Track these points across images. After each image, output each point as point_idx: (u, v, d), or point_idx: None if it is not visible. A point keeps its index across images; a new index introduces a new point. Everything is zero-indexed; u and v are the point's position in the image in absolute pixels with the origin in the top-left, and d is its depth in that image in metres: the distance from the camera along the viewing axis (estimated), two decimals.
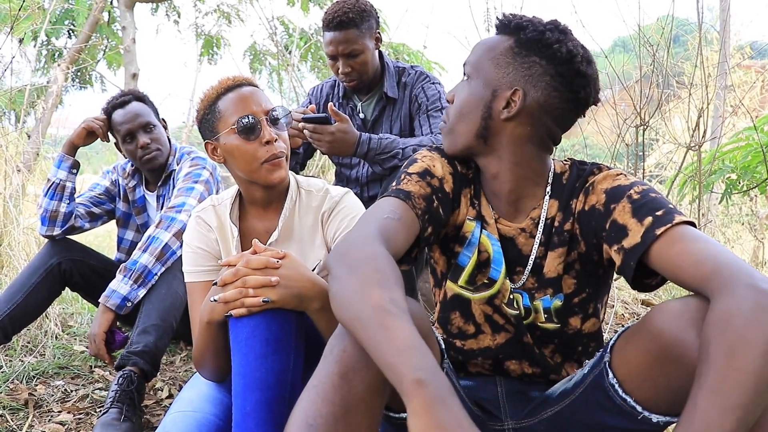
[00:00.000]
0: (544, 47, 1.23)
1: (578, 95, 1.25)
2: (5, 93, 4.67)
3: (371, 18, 2.42)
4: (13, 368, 2.29)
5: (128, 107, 2.34)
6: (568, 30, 1.27)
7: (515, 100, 1.24)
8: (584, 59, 1.24)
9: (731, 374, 0.85)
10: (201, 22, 8.77)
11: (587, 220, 1.25)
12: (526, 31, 1.24)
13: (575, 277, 1.29)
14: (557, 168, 1.33)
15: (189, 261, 1.63)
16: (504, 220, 1.33)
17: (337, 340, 1.01)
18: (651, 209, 1.13)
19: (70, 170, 2.32)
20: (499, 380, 1.37)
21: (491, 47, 1.29)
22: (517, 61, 1.25)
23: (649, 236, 1.10)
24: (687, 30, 5.14)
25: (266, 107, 1.57)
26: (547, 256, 1.30)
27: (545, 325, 1.31)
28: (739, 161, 3.66)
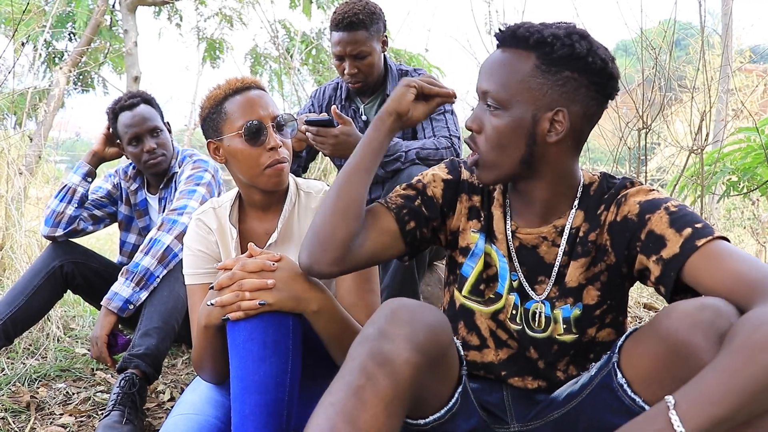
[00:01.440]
0: (576, 60, 1.17)
1: (611, 96, 1.24)
2: (7, 96, 4.67)
3: (380, 21, 2.43)
4: (15, 371, 2.29)
5: (136, 110, 2.33)
6: (587, 32, 1.22)
7: (560, 120, 1.20)
8: (612, 61, 1.21)
9: (749, 365, 0.86)
10: (203, 26, 8.79)
11: (620, 231, 1.22)
12: (554, 47, 1.17)
13: (599, 288, 1.27)
14: (586, 179, 1.31)
15: (189, 264, 1.63)
16: (526, 229, 1.31)
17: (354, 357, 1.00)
18: (690, 221, 1.12)
19: (85, 177, 2.35)
20: (505, 384, 1.36)
21: (514, 69, 1.21)
22: (549, 79, 1.18)
23: (688, 247, 1.08)
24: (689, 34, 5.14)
25: (273, 113, 1.57)
26: (569, 265, 1.28)
27: (563, 337, 1.29)
28: (739, 163, 3.66)
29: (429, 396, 1.12)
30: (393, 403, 0.96)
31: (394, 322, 1.02)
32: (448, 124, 2.38)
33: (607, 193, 1.28)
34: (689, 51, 5.59)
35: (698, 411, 0.86)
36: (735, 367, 0.87)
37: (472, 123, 1.27)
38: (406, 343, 0.99)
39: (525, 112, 1.20)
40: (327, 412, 0.95)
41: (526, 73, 1.19)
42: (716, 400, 0.86)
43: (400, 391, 0.96)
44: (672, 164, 4.48)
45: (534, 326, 1.31)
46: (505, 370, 1.35)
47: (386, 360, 0.97)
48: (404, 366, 0.98)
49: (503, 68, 1.22)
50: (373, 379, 0.96)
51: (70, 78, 6.62)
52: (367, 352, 0.99)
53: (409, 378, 0.98)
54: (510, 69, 1.21)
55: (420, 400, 1.08)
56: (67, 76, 6.23)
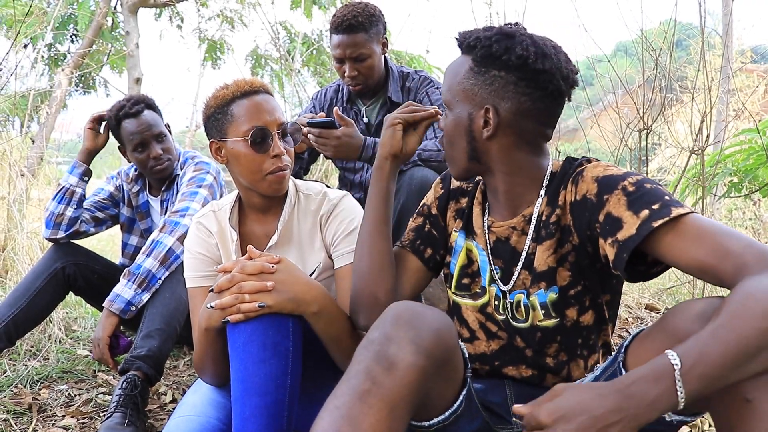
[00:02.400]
0: (496, 59, 1.24)
1: (548, 90, 1.25)
2: (9, 98, 4.68)
3: (379, 23, 2.43)
4: (17, 372, 2.30)
5: (141, 117, 2.33)
6: (517, 32, 1.27)
7: (490, 117, 1.26)
8: (538, 56, 1.23)
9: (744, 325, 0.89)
10: (204, 27, 8.79)
11: (580, 211, 1.23)
12: (477, 48, 1.26)
13: (570, 269, 1.28)
14: (554, 167, 1.34)
15: (190, 266, 1.63)
16: (498, 222, 1.35)
17: (359, 360, 1.01)
18: (647, 202, 1.12)
19: (81, 177, 2.34)
20: (507, 383, 1.37)
21: (455, 72, 1.31)
22: (479, 80, 1.26)
23: (645, 228, 1.09)
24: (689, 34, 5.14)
25: (279, 119, 1.57)
26: (536, 250, 1.30)
27: (544, 323, 1.30)
28: (740, 164, 3.66)
29: (434, 398, 1.13)
30: (398, 407, 0.96)
31: (400, 326, 1.02)
32: None
33: (566, 173, 1.30)
34: (690, 51, 5.58)
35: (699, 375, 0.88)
36: (729, 329, 0.90)
37: (441, 123, 1.39)
38: (412, 346, 1.00)
39: (462, 111, 1.30)
40: (332, 416, 0.95)
41: (463, 75, 1.29)
42: (713, 363, 0.88)
43: (406, 395, 0.97)
44: (673, 165, 4.48)
45: (516, 316, 1.33)
46: (498, 360, 1.37)
47: (392, 364, 0.98)
48: (409, 370, 0.98)
49: (450, 72, 1.33)
50: (378, 383, 0.96)
51: (72, 79, 6.63)
52: (373, 356, 0.99)
53: (415, 382, 0.99)
54: (453, 72, 1.32)
55: (425, 403, 1.09)
56: (69, 77, 6.24)
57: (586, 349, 1.33)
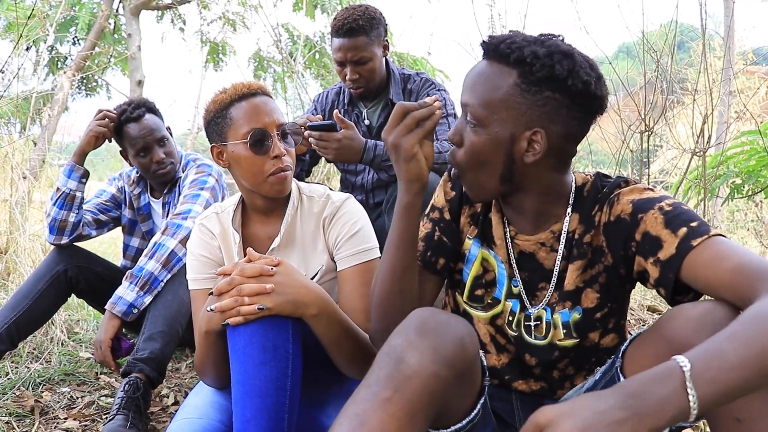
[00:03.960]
0: (557, 81, 1.14)
1: (596, 114, 1.21)
2: (11, 101, 4.69)
3: (380, 26, 2.43)
4: (19, 375, 2.30)
5: (143, 121, 2.33)
6: (571, 50, 1.17)
7: (537, 141, 1.17)
8: (597, 80, 1.17)
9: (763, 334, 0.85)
10: (206, 29, 8.80)
11: (614, 232, 1.21)
12: (533, 67, 1.14)
13: (598, 291, 1.26)
14: (578, 181, 1.30)
15: (192, 269, 1.63)
16: (523, 236, 1.31)
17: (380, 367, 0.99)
18: (685, 220, 1.10)
19: (80, 180, 2.31)
20: (515, 396, 1.36)
21: (494, 86, 1.18)
22: (528, 99, 1.15)
23: (684, 247, 1.07)
24: (691, 36, 5.14)
25: (278, 120, 1.57)
26: (567, 269, 1.27)
27: (563, 342, 1.29)
28: (742, 165, 3.65)
29: (452, 407, 1.11)
30: (417, 415, 0.95)
31: (422, 334, 1.00)
32: (451, 128, 2.38)
33: (600, 192, 1.26)
34: (691, 53, 5.58)
35: (711, 378, 0.83)
36: (748, 335, 0.85)
37: (453, 136, 1.26)
38: (434, 355, 0.98)
39: (503, 131, 1.18)
40: (351, 423, 0.93)
41: (506, 91, 1.16)
42: (729, 368, 0.83)
43: (425, 404, 0.95)
44: (674, 167, 4.48)
45: (535, 333, 1.31)
46: (508, 375, 1.36)
47: (414, 372, 0.96)
48: (431, 378, 0.96)
49: (485, 83, 1.19)
50: (399, 391, 0.95)
51: (73, 82, 6.64)
52: (395, 363, 0.97)
53: (435, 391, 0.97)
54: (490, 85, 1.18)
55: (443, 411, 1.07)
56: (71, 80, 6.25)
57: (597, 365, 1.32)
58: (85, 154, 2.33)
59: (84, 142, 2.32)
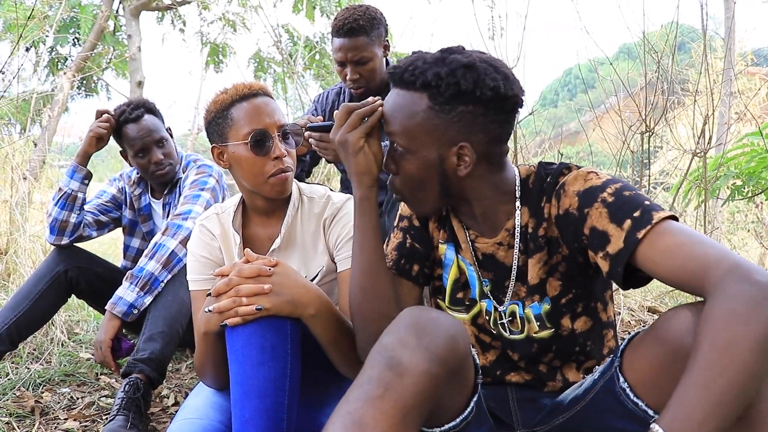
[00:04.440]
0: (465, 95, 1.17)
1: (514, 111, 1.23)
2: (11, 102, 4.69)
3: (381, 26, 2.43)
4: (20, 375, 2.30)
5: (142, 122, 2.33)
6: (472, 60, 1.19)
7: (465, 154, 1.21)
8: (505, 81, 1.19)
9: (720, 373, 0.87)
10: (206, 30, 8.80)
11: (565, 224, 1.22)
12: (440, 89, 1.18)
13: (560, 279, 1.29)
14: (522, 173, 1.32)
15: (192, 270, 1.63)
16: (482, 239, 1.34)
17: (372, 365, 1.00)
18: (628, 211, 1.11)
19: (83, 181, 2.31)
20: (509, 388, 1.36)
21: (410, 114, 1.21)
22: (444, 118, 1.19)
23: (631, 240, 1.08)
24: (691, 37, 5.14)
25: (279, 121, 1.57)
26: (527, 263, 1.29)
27: (540, 334, 1.31)
28: (743, 167, 3.65)
29: (445, 405, 1.12)
30: (410, 413, 0.96)
31: (414, 332, 1.01)
32: None
33: (545, 182, 1.28)
34: (692, 54, 5.58)
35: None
36: (710, 378, 0.87)
37: (388, 165, 1.30)
38: (425, 353, 0.99)
39: (430, 153, 1.22)
40: (344, 421, 0.94)
41: (422, 116, 1.20)
42: (702, 420, 0.86)
43: (418, 402, 0.96)
44: (675, 168, 4.48)
45: (512, 328, 1.33)
46: (498, 370, 1.37)
47: (405, 370, 0.97)
48: (423, 376, 0.97)
49: (401, 112, 1.23)
50: (391, 389, 0.95)
51: (73, 83, 6.64)
52: (386, 362, 0.98)
53: (427, 389, 0.98)
54: (406, 113, 1.22)
55: (436, 409, 1.08)
56: (71, 81, 6.25)
57: (582, 354, 1.33)
58: (88, 155, 2.33)
59: (86, 144, 2.32)
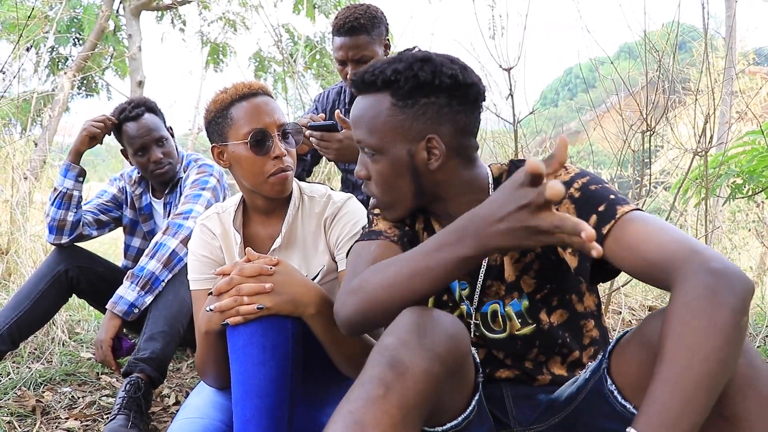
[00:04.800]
0: (425, 86, 1.19)
1: (477, 101, 1.24)
2: (12, 101, 4.69)
3: (381, 24, 2.43)
4: (21, 375, 2.30)
5: (141, 121, 2.33)
6: (428, 54, 1.22)
7: (435, 146, 1.21)
8: (463, 70, 1.21)
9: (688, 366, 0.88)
10: (206, 30, 8.81)
11: None
12: (399, 82, 1.20)
13: (534, 276, 1.29)
14: (495, 172, 1.32)
15: (193, 269, 1.63)
16: None
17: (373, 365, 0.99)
18: (593, 206, 1.12)
19: (77, 179, 2.31)
20: (504, 385, 1.36)
21: (375, 114, 1.23)
22: (408, 113, 1.21)
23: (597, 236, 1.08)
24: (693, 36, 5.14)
25: (279, 120, 1.57)
26: (503, 261, 1.30)
27: (522, 331, 1.31)
28: (744, 165, 3.65)
29: (446, 404, 1.12)
30: (412, 413, 0.95)
31: (414, 332, 1.01)
32: None
33: None
34: (693, 54, 5.58)
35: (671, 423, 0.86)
36: (679, 374, 0.88)
37: (360, 171, 1.31)
38: (426, 352, 0.99)
39: (399, 151, 1.23)
40: (345, 421, 0.93)
41: (386, 114, 1.22)
42: (677, 417, 0.86)
43: (419, 401, 0.96)
44: (676, 167, 4.47)
45: (494, 328, 1.34)
46: (488, 367, 1.38)
47: (406, 370, 0.96)
48: (423, 376, 0.97)
49: (365, 115, 1.25)
50: (391, 389, 0.95)
51: (74, 83, 6.65)
52: (387, 362, 0.97)
53: (428, 388, 0.98)
54: (371, 114, 1.24)
55: (437, 409, 1.08)
56: (72, 80, 6.25)
57: (564, 347, 1.34)
58: (79, 153, 2.33)
59: (78, 142, 2.32)
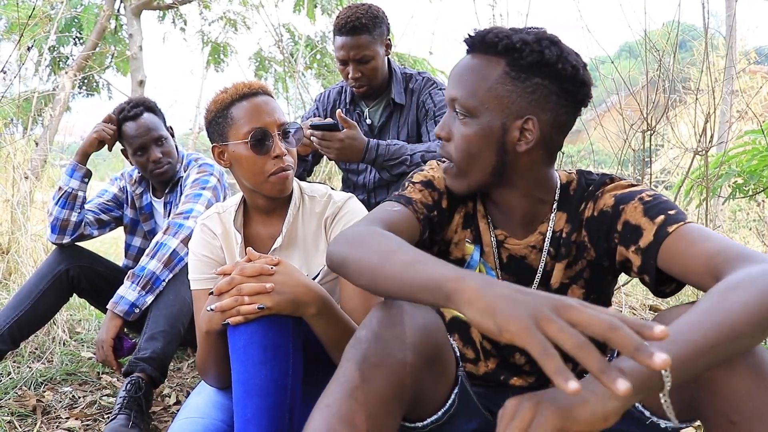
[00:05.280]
0: (546, 67, 1.14)
1: (583, 103, 1.21)
2: (13, 101, 4.69)
3: (383, 24, 2.43)
4: (21, 375, 2.30)
5: (140, 120, 2.33)
6: (557, 38, 1.18)
7: (529, 129, 1.17)
8: (584, 68, 1.18)
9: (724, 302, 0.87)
10: (207, 30, 8.81)
11: (596, 225, 1.22)
12: (522, 53, 1.14)
13: (583, 286, 1.28)
14: (563, 178, 1.30)
15: (194, 269, 1.63)
16: (513, 240, 1.30)
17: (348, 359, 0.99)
18: (663, 209, 1.12)
19: (83, 179, 2.32)
20: (511, 390, 1.36)
21: (483, 76, 1.17)
22: (518, 86, 1.15)
23: (661, 233, 1.09)
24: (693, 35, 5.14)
25: (279, 120, 1.56)
26: (554, 267, 1.28)
27: None
28: (744, 165, 3.65)
29: (426, 397, 1.12)
30: (390, 404, 0.95)
31: (387, 324, 1.01)
32: None
33: (586, 191, 1.27)
34: (693, 53, 5.58)
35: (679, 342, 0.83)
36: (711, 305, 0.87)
37: (441, 131, 1.25)
38: (399, 343, 0.99)
39: (494, 120, 1.17)
40: (323, 414, 0.94)
41: (495, 79, 1.16)
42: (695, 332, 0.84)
43: (397, 392, 0.96)
44: (677, 166, 4.47)
45: None
46: (502, 375, 1.36)
47: (381, 360, 0.97)
48: (399, 366, 0.97)
49: (472, 74, 1.19)
50: (368, 380, 0.95)
51: (75, 82, 6.65)
52: (362, 354, 0.98)
53: (405, 378, 0.98)
54: (478, 75, 1.18)
55: (417, 402, 1.08)
56: (73, 80, 6.25)
57: None
58: (87, 154, 2.33)
59: (87, 143, 2.32)
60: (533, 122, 1.16)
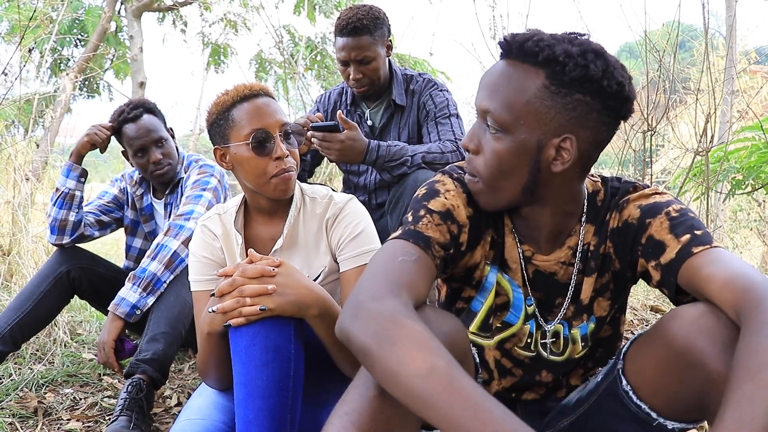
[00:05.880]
0: (589, 82, 1.05)
1: (625, 119, 1.13)
2: (14, 102, 4.70)
3: (384, 25, 2.43)
4: (23, 376, 2.30)
5: (140, 122, 2.34)
6: (603, 49, 1.09)
7: (567, 148, 1.09)
8: (629, 82, 1.09)
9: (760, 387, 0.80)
10: (207, 31, 8.83)
11: (621, 237, 1.20)
12: (565, 67, 1.05)
13: (609, 298, 1.26)
14: (589, 188, 1.25)
15: (194, 270, 1.63)
16: (540, 256, 1.26)
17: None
18: (690, 227, 1.09)
19: (79, 179, 2.32)
20: (519, 404, 1.36)
21: (520, 89, 1.08)
22: (558, 102, 1.06)
23: (685, 252, 1.06)
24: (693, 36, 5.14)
25: (281, 121, 1.56)
26: (583, 281, 1.25)
27: (581, 353, 1.29)
28: (743, 161, 3.65)
29: None
30: (409, 412, 0.93)
31: None
32: (453, 128, 2.38)
33: (611, 200, 1.24)
34: (693, 53, 5.58)
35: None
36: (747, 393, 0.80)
37: (470, 142, 1.16)
38: None
39: (529, 138, 1.08)
40: (342, 421, 0.92)
41: (533, 93, 1.07)
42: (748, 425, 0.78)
43: None
44: (677, 167, 4.48)
45: (552, 348, 1.29)
46: (514, 392, 1.35)
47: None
48: None
49: (508, 85, 1.09)
50: None
51: (76, 84, 6.65)
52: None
53: None
54: (515, 87, 1.08)
55: None
56: (73, 82, 6.26)
57: (591, 360, 1.33)
58: (81, 155, 2.35)
59: (80, 144, 2.34)
60: (571, 141, 1.08)
